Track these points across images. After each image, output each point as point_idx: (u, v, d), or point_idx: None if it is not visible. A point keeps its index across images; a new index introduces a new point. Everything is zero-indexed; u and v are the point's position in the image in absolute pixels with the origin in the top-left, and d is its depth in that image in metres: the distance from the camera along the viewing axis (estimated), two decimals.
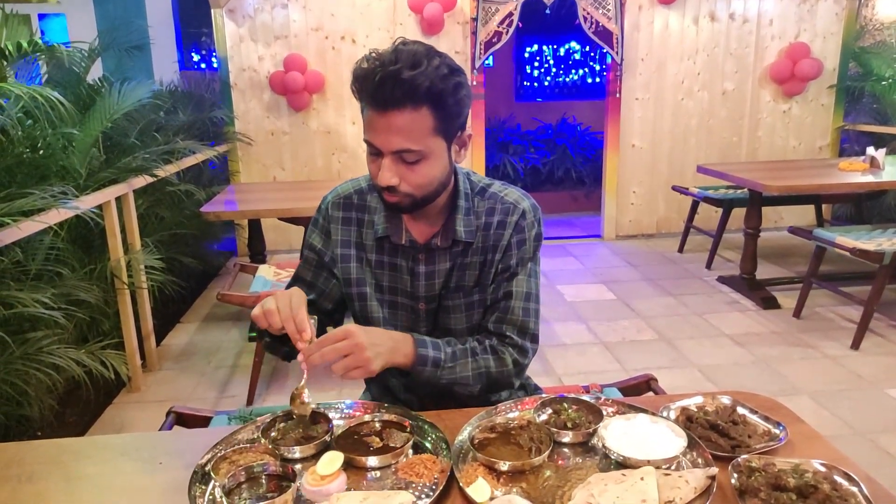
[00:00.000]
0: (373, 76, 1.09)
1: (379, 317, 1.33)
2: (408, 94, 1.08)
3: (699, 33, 5.19)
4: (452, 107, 1.14)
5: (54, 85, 3.34)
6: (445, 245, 1.28)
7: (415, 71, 1.08)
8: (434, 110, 1.12)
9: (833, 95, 5.39)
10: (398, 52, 1.10)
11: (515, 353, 1.29)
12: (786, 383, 2.94)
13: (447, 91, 1.12)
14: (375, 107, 1.11)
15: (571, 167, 6.76)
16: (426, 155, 1.15)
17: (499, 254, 1.29)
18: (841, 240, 3.34)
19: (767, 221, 5.11)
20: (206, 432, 1.28)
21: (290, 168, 5.12)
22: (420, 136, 1.12)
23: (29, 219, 2.16)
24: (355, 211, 1.34)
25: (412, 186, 1.17)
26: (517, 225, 1.29)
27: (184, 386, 3.05)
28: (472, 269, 1.30)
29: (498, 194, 1.31)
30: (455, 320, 1.32)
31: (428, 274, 1.29)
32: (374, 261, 1.32)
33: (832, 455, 1.02)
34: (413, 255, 1.29)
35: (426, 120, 1.12)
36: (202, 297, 4.27)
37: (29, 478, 1.03)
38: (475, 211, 1.29)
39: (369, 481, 1.00)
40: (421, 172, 1.16)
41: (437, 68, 1.10)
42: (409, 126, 1.11)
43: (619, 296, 4.13)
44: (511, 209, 1.29)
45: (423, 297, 1.31)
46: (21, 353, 2.23)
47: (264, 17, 4.85)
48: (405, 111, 1.10)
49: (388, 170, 1.14)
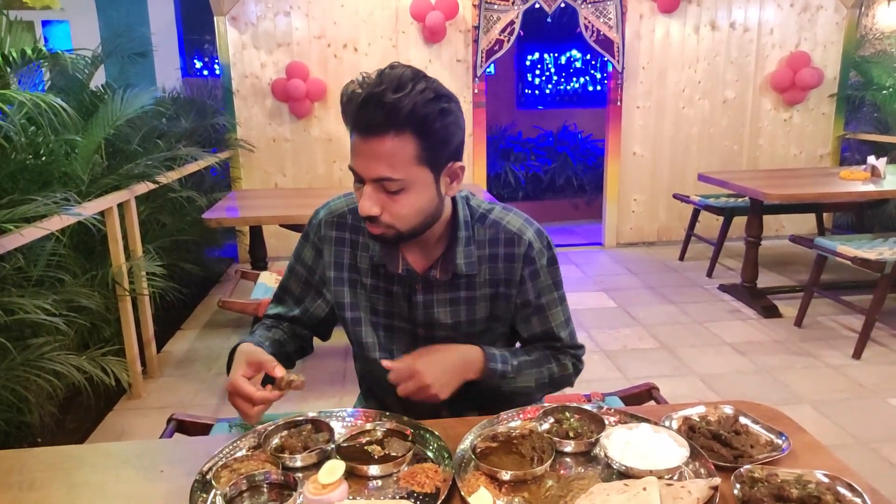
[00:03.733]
0: (356, 99, 1.05)
1: (372, 342, 1.29)
2: (390, 118, 1.03)
3: (700, 42, 5.21)
4: (438, 133, 1.07)
5: (57, 91, 3.35)
6: (445, 278, 1.23)
7: (398, 94, 1.03)
8: (418, 137, 1.06)
9: (834, 104, 5.40)
10: (383, 75, 1.06)
11: (573, 360, 1.35)
12: (787, 392, 2.94)
13: (432, 116, 1.05)
14: (358, 131, 1.07)
15: (572, 175, 6.77)
16: (409, 185, 1.08)
17: (513, 289, 1.25)
18: (842, 249, 3.34)
19: (768, 230, 5.11)
20: (207, 440, 1.28)
21: (291, 175, 5.13)
22: (402, 164, 1.06)
23: (31, 225, 2.17)
24: (349, 232, 1.28)
25: (394, 217, 1.11)
26: (526, 257, 1.24)
27: (185, 393, 3.04)
28: (482, 302, 1.26)
29: (500, 222, 1.25)
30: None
31: (426, 303, 1.25)
32: (370, 285, 1.27)
33: (835, 465, 1.02)
34: (410, 284, 1.24)
35: (409, 147, 1.06)
36: (203, 303, 4.27)
37: (30, 485, 1.03)
38: (476, 240, 1.24)
39: (371, 490, 1.00)
40: (403, 203, 1.10)
41: (422, 92, 1.05)
42: (390, 153, 1.05)
43: (620, 304, 4.13)
44: (516, 240, 1.24)
45: (422, 323, 1.27)
46: (22, 359, 2.22)
47: (267, 25, 4.88)
48: (387, 137, 1.04)
49: (369, 199, 1.09)
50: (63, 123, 2.57)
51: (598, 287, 4.47)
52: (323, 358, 3.19)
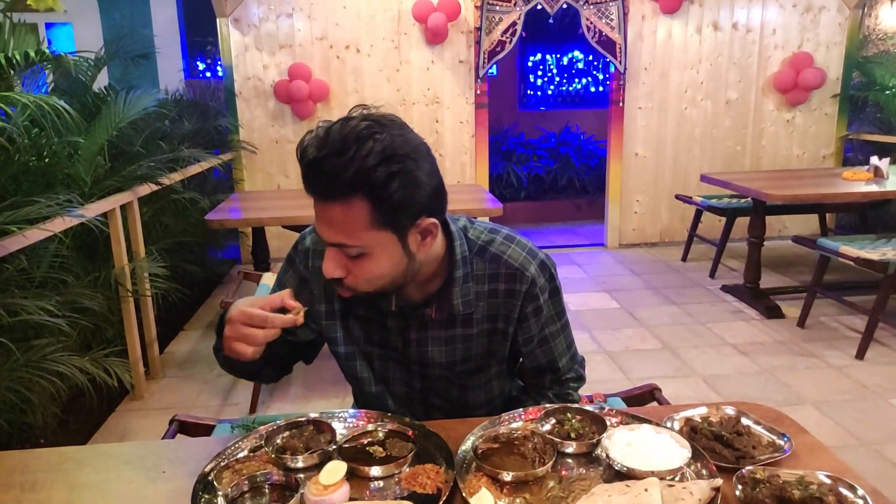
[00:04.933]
0: (302, 160, 0.98)
1: (368, 377, 1.27)
2: (333, 185, 0.96)
3: (702, 43, 5.21)
4: (393, 196, 0.97)
5: (60, 93, 3.36)
6: (441, 318, 1.18)
7: (339, 159, 0.94)
8: (369, 202, 0.97)
9: (836, 105, 5.39)
10: (330, 133, 0.97)
11: (576, 384, 1.36)
12: (790, 393, 2.93)
13: (380, 181, 0.95)
14: (310, 194, 1.01)
15: (575, 176, 6.76)
16: (369, 250, 1.01)
17: (512, 326, 1.21)
18: (845, 249, 3.33)
19: (771, 230, 5.10)
20: (209, 441, 1.28)
21: (294, 176, 5.13)
22: (356, 230, 0.99)
23: (34, 227, 2.17)
24: None
25: (358, 281, 1.05)
26: (528, 294, 1.18)
27: (187, 394, 3.05)
28: (480, 338, 1.22)
29: (501, 256, 1.18)
30: (473, 396, 1.28)
31: (420, 340, 1.21)
32: (364, 315, 1.22)
33: (837, 466, 1.02)
34: (405, 320, 1.20)
35: (361, 212, 0.98)
36: (206, 304, 4.28)
37: (32, 486, 1.03)
38: (474, 275, 1.17)
39: (372, 491, 1.00)
40: (365, 268, 1.03)
41: (366, 157, 0.94)
42: (340, 219, 0.98)
43: (623, 304, 4.13)
44: (518, 276, 1.17)
45: (416, 361, 1.24)
46: (25, 360, 2.23)
47: (269, 27, 4.88)
48: (335, 203, 0.97)
49: (331, 261, 1.03)
50: (66, 125, 2.59)
51: (600, 288, 4.47)
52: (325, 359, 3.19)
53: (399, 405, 1.30)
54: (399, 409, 1.29)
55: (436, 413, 1.31)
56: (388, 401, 1.29)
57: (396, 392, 1.29)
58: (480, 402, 1.30)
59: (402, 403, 1.31)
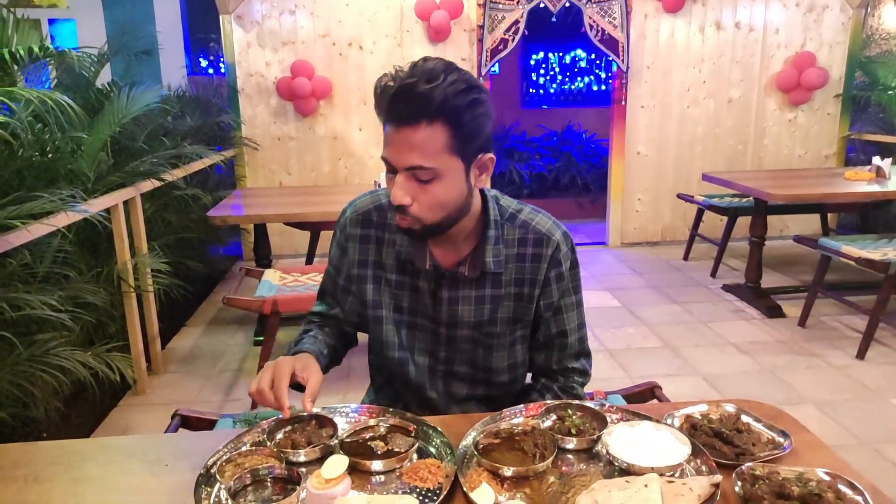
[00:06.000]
0: (389, 91, 1.08)
1: (394, 341, 1.31)
2: (422, 108, 1.06)
3: (705, 42, 5.20)
4: (469, 124, 1.09)
5: (64, 89, 3.37)
6: (473, 275, 1.24)
7: (429, 85, 1.05)
8: (449, 127, 1.08)
9: (839, 105, 5.38)
10: (415, 67, 1.09)
11: (581, 378, 1.38)
12: (791, 392, 2.93)
13: (462, 107, 1.07)
14: (391, 122, 1.10)
15: (577, 174, 6.76)
16: (440, 174, 1.10)
17: (537, 289, 1.27)
18: (846, 249, 3.33)
19: (773, 230, 5.10)
20: (211, 435, 1.29)
21: (296, 173, 5.14)
22: (434, 153, 1.08)
23: (37, 222, 2.18)
24: (374, 229, 1.29)
25: (423, 208, 1.12)
26: (553, 258, 1.26)
27: (189, 389, 3.06)
28: (506, 301, 1.27)
29: (529, 223, 1.27)
30: (497, 358, 1.30)
31: (451, 299, 1.26)
32: (395, 281, 1.28)
33: (837, 464, 1.02)
34: (437, 280, 1.25)
35: (440, 136, 1.08)
36: (208, 300, 4.29)
37: (35, 478, 1.04)
38: (504, 239, 1.25)
39: (374, 485, 1.01)
40: (433, 193, 1.11)
41: (453, 84, 1.07)
42: (422, 142, 1.07)
43: (624, 303, 4.13)
44: (545, 241, 1.25)
45: (445, 322, 1.27)
46: (28, 354, 2.24)
47: (272, 24, 4.89)
48: (419, 127, 1.07)
49: (401, 188, 1.11)
50: (69, 121, 2.59)
51: (602, 286, 4.47)
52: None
53: (420, 375, 1.32)
54: (419, 379, 1.31)
55: (456, 385, 1.33)
56: (409, 368, 1.31)
57: (419, 363, 1.32)
58: (503, 366, 1.32)
59: (423, 374, 1.32)
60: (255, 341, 3.51)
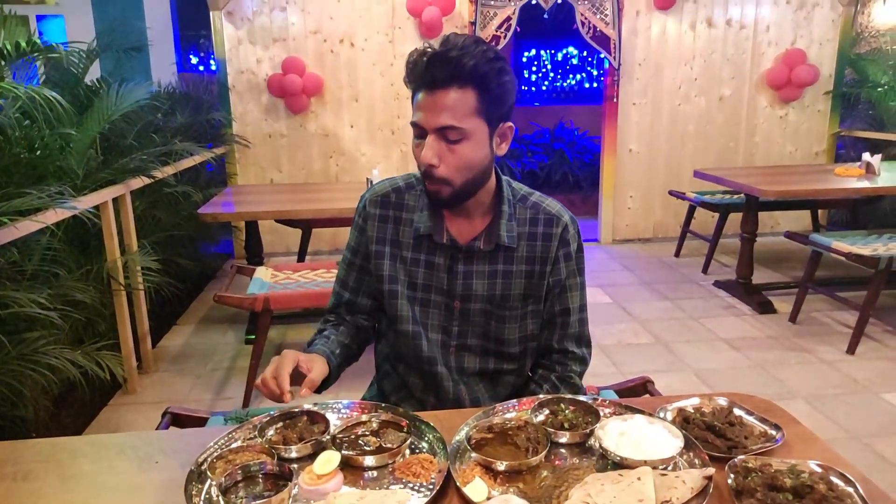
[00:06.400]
0: (423, 58, 1.17)
1: (407, 315, 1.34)
2: (455, 72, 1.15)
3: (696, 39, 5.22)
4: (496, 90, 1.19)
5: (52, 85, 3.33)
6: (488, 248, 1.30)
7: (461, 52, 1.15)
8: (478, 91, 1.17)
9: (829, 101, 5.42)
10: (448, 38, 1.19)
11: (579, 367, 1.41)
12: (782, 387, 2.95)
13: (492, 73, 1.17)
14: (425, 87, 1.17)
15: (569, 171, 6.78)
16: (468, 135, 1.18)
17: (548, 266, 1.33)
18: (837, 245, 3.35)
19: (764, 226, 5.13)
20: (202, 432, 1.28)
21: (287, 171, 5.12)
22: (464, 114, 1.17)
23: (26, 218, 2.16)
24: (392, 209, 1.36)
25: (451, 169, 1.20)
26: (562, 238, 1.33)
27: (180, 388, 3.04)
28: (518, 278, 1.32)
29: (540, 204, 1.35)
30: (509, 330, 1.35)
31: (466, 273, 1.31)
32: (410, 258, 1.34)
33: (828, 456, 1.03)
34: (452, 254, 1.31)
35: (470, 100, 1.17)
36: (199, 299, 4.26)
37: (25, 476, 1.03)
38: (517, 218, 1.33)
39: (366, 481, 1.00)
40: (461, 154, 1.19)
41: (484, 52, 1.17)
42: (454, 104, 1.16)
43: (616, 300, 4.14)
44: (555, 221, 1.34)
45: (459, 295, 1.32)
46: (17, 353, 2.22)
47: (263, 20, 4.86)
48: (451, 89, 1.16)
49: (430, 148, 1.18)
50: (58, 117, 2.57)
51: (593, 283, 4.48)
52: None
53: (432, 349, 1.34)
54: (431, 353, 1.34)
55: (468, 359, 1.37)
56: (422, 342, 1.34)
57: (433, 338, 1.35)
58: (515, 338, 1.36)
59: (435, 350, 1.35)
60: (247, 339, 3.50)
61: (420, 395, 1.40)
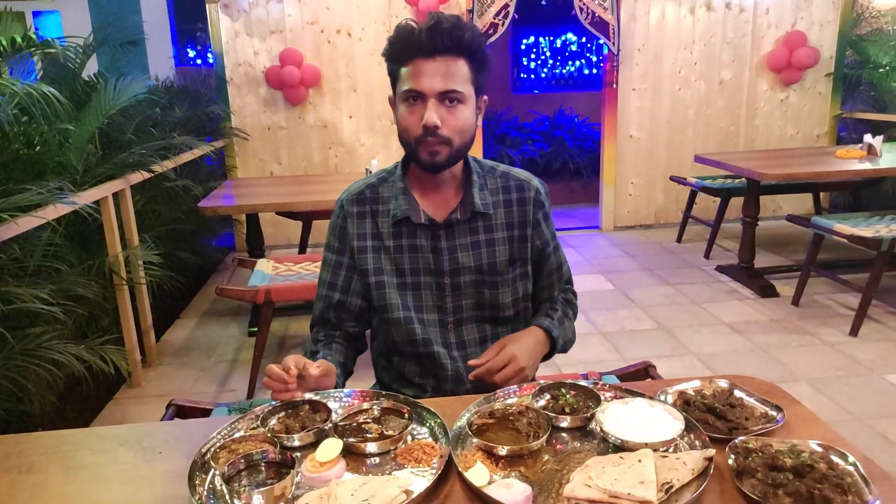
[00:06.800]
0: (421, 28, 1.24)
1: (396, 302, 1.37)
2: (454, 42, 1.24)
3: (696, 23, 5.18)
4: (483, 63, 1.29)
5: (49, 81, 3.33)
6: (465, 217, 1.35)
7: (455, 25, 1.24)
8: (470, 62, 1.27)
9: (830, 84, 5.38)
10: (440, 14, 1.26)
11: (574, 296, 1.57)
12: (784, 370, 2.95)
13: (482, 47, 1.28)
14: (423, 55, 1.24)
15: (569, 159, 6.75)
16: (465, 99, 1.27)
17: (528, 229, 1.41)
18: (839, 227, 3.34)
19: (765, 210, 5.11)
20: (205, 422, 1.28)
21: (286, 163, 5.11)
22: (462, 80, 1.26)
23: (26, 214, 2.16)
24: (369, 204, 1.40)
25: (451, 130, 1.26)
26: (536, 201, 1.41)
27: (184, 381, 3.05)
28: (501, 245, 1.39)
29: (508, 173, 1.43)
30: (502, 295, 1.40)
31: (450, 248, 1.36)
32: (393, 247, 1.37)
33: (829, 436, 1.03)
34: (433, 233, 1.35)
35: (464, 69, 1.27)
36: (201, 292, 4.28)
37: (28, 469, 1.04)
38: (489, 188, 1.40)
39: (368, 467, 1.00)
40: (460, 116, 1.27)
41: (473, 28, 1.28)
42: (454, 70, 1.25)
43: (618, 286, 4.14)
44: (526, 186, 1.42)
45: (448, 270, 1.36)
46: (20, 348, 2.22)
47: (259, 12, 4.84)
48: (449, 57, 1.24)
49: (433, 111, 1.24)
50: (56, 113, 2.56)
51: (595, 270, 4.48)
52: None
53: (426, 332, 1.37)
54: (426, 336, 1.37)
55: (468, 331, 1.41)
56: (415, 326, 1.37)
57: (429, 320, 1.39)
58: (508, 301, 1.41)
59: (429, 331, 1.38)
60: (250, 332, 3.51)
61: (419, 380, 1.41)
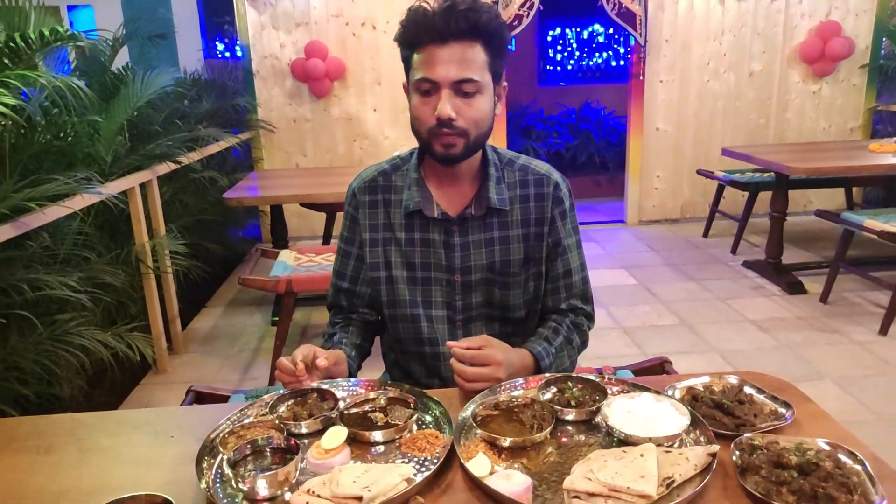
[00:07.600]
0: (435, 11, 1.16)
1: (405, 298, 1.34)
2: (470, 25, 1.15)
3: (725, 13, 5.08)
4: (501, 48, 1.21)
5: (80, 74, 3.41)
6: (480, 213, 1.29)
7: (471, 7, 1.16)
8: (486, 47, 1.18)
9: (865, 75, 5.23)
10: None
11: (588, 321, 1.43)
12: (810, 368, 2.89)
13: (499, 30, 1.20)
14: (436, 41, 1.16)
15: (595, 152, 6.68)
16: (482, 88, 1.19)
17: (545, 226, 1.32)
18: (869, 223, 3.26)
19: (796, 205, 5.01)
20: (217, 408, 1.31)
21: (311, 155, 5.16)
22: (478, 68, 1.18)
23: (53, 203, 2.22)
24: (381, 192, 1.35)
25: (468, 122, 1.19)
26: (555, 197, 1.33)
27: (208, 368, 3.12)
28: (515, 243, 1.32)
29: (528, 165, 1.35)
30: (513, 296, 1.34)
31: (463, 245, 1.30)
32: (405, 239, 1.32)
33: (839, 434, 1.01)
34: (446, 228, 1.30)
35: (481, 54, 1.18)
36: (227, 282, 4.35)
37: (47, 449, 1.07)
38: (506, 181, 1.32)
39: (373, 455, 1.02)
40: (477, 106, 1.19)
41: (489, 10, 1.18)
42: (471, 57, 1.17)
43: (641, 281, 4.10)
44: (545, 180, 1.33)
45: (459, 268, 1.31)
46: (49, 334, 2.29)
47: (285, 5, 4.88)
48: (464, 43, 1.16)
49: (447, 103, 1.16)
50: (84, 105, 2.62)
51: (618, 264, 4.44)
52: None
53: (433, 330, 1.34)
54: (432, 335, 1.34)
55: (476, 330, 1.36)
56: (421, 324, 1.34)
57: (437, 316, 1.35)
58: (519, 302, 1.35)
59: (438, 328, 1.35)
60: (273, 321, 3.56)
61: (425, 381, 1.39)
